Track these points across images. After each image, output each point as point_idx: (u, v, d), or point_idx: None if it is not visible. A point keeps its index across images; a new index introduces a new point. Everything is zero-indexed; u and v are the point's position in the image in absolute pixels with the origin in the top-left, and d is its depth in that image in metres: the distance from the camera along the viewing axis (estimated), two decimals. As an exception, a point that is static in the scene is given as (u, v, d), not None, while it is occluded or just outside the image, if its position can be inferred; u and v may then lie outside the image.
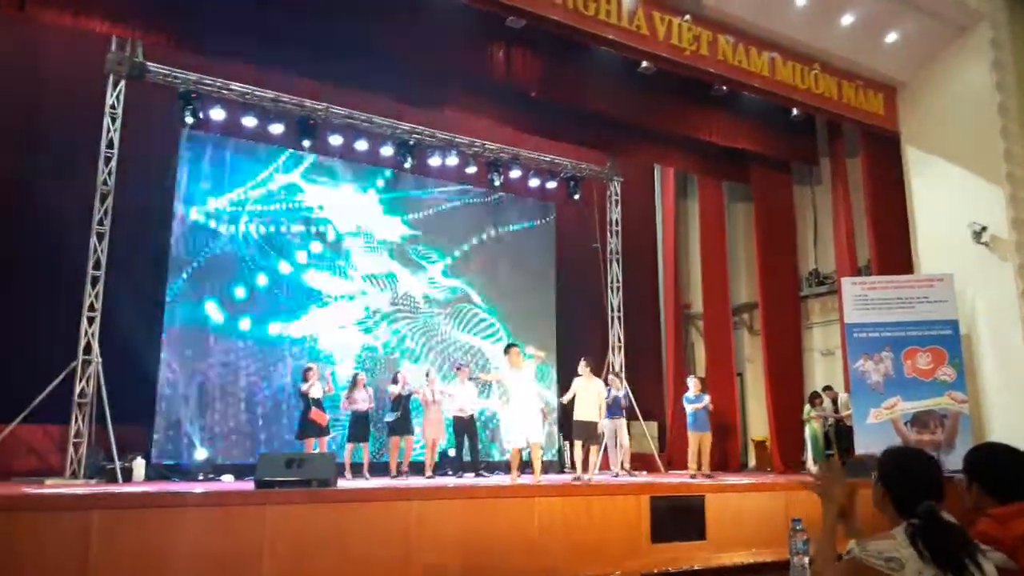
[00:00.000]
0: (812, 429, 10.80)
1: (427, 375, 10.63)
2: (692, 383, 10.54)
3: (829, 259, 12.67)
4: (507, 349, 8.96)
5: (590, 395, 9.33)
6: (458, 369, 10.74)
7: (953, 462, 9.46)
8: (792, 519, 2.50)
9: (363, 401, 9.93)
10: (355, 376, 10.12)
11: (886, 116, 11.36)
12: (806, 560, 2.40)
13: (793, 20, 10.12)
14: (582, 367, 9.55)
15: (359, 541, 6.02)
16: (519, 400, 8.50)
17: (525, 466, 8.77)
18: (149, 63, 9.66)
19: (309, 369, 9.78)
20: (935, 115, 10.95)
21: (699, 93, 10.70)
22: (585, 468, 9.22)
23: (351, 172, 11.72)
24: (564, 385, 10.89)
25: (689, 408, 10.41)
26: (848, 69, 10.98)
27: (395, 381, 10.24)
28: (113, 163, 9.24)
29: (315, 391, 9.58)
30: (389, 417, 10.11)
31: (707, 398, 10.44)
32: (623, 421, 10.82)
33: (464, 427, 10.31)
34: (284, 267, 10.91)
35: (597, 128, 11.36)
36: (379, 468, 10.10)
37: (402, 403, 10.08)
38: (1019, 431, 9.23)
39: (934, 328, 9.99)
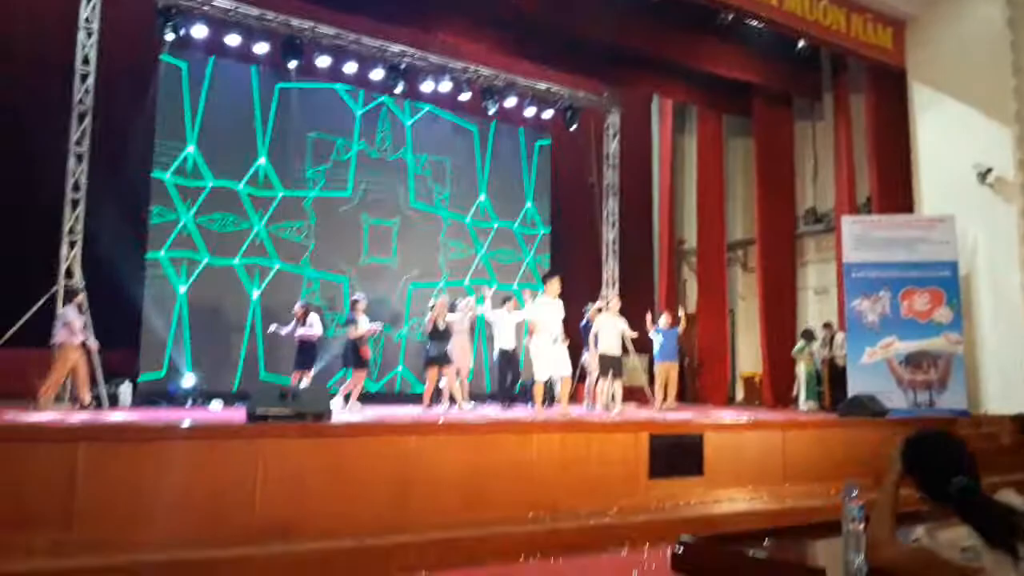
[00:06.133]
0: (805, 365, 10.78)
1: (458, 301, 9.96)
2: (664, 317, 10.49)
3: (827, 197, 12.47)
4: (549, 277, 8.39)
5: (614, 330, 9.32)
6: (505, 301, 9.94)
7: (945, 401, 9.54)
8: (846, 485, 2.34)
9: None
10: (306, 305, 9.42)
11: (893, 51, 11.03)
12: (861, 527, 2.25)
13: (805, -54, 9.74)
14: (603, 303, 9.80)
15: (355, 476, 5.90)
16: (554, 333, 8.13)
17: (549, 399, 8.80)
18: (127, -27, 9.14)
19: (356, 302, 9.11)
20: (944, 51, 10.63)
21: (704, 22, 10.37)
22: (613, 400, 9.18)
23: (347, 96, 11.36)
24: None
25: (658, 339, 10.41)
26: (857, 1, 10.60)
27: (452, 309, 9.43)
28: (90, 81, 8.78)
29: (364, 325, 8.99)
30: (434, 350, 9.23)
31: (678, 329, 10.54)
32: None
33: (509, 360, 9.83)
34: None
35: (596, 56, 11.00)
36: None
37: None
38: (1011, 372, 9.35)
39: (933, 269, 9.88)
